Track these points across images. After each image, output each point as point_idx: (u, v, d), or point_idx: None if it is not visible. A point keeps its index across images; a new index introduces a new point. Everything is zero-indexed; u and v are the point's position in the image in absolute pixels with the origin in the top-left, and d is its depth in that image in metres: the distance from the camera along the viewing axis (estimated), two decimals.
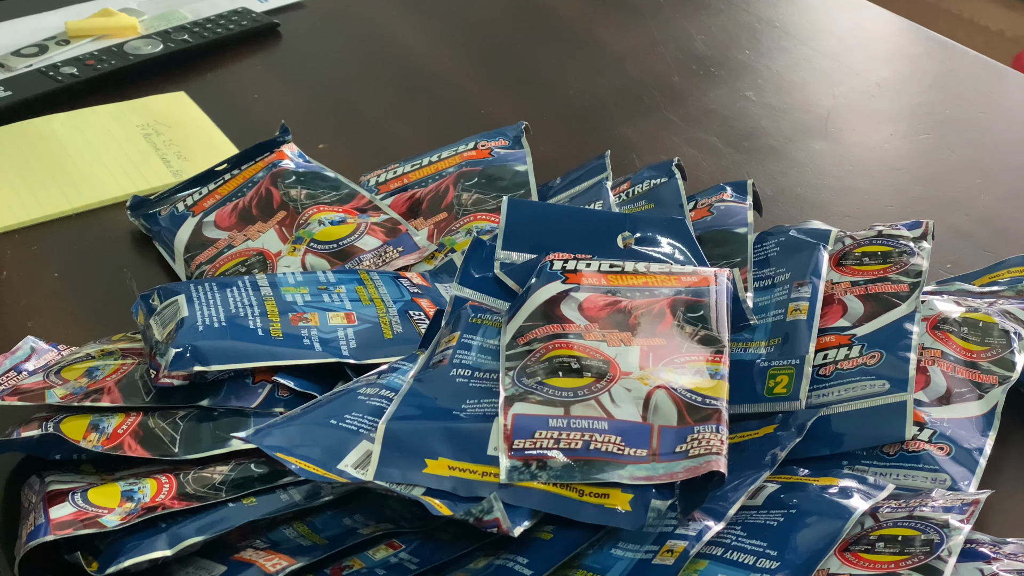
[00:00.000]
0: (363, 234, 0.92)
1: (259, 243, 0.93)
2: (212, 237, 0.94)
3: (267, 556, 0.68)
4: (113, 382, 0.76)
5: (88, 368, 0.78)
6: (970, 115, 1.17)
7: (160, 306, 0.80)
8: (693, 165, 1.04)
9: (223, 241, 0.94)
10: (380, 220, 0.94)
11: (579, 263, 0.78)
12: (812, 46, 1.30)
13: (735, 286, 0.78)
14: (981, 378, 0.77)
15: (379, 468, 0.67)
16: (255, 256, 0.91)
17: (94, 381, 0.77)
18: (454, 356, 0.74)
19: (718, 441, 0.65)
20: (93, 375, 0.77)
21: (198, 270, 0.92)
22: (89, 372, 0.78)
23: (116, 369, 0.78)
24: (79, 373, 0.78)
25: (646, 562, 0.64)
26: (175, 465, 0.73)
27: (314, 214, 0.93)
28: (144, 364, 0.78)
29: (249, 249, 0.92)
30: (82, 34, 1.31)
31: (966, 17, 2.61)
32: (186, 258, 0.94)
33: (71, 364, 0.79)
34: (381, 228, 0.93)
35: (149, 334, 0.79)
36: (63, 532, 0.67)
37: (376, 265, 0.90)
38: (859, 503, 0.67)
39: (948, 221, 0.98)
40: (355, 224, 0.93)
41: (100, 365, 0.78)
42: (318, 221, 0.93)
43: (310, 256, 0.91)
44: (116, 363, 0.78)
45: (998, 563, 0.64)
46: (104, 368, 0.78)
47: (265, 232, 0.94)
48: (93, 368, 0.78)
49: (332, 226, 0.93)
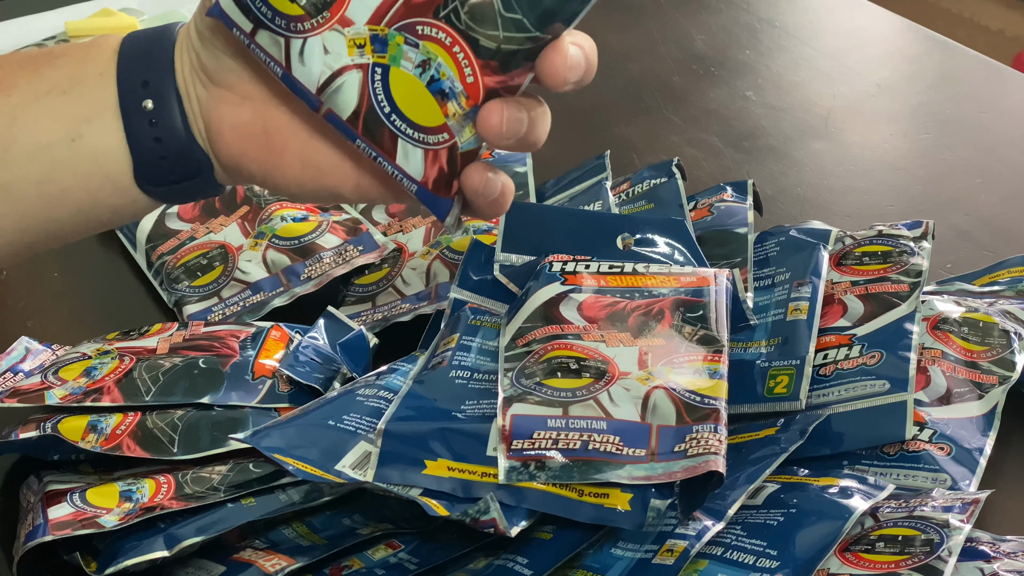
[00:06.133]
0: (324, 232, 0.93)
1: (221, 236, 0.94)
2: (174, 228, 0.95)
3: (266, 556, 0.68)
4: (112, 381, 0.76)
5: (86, 368, 0.78)
6: (970, 115, 1.17)
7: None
8: (693, 165, 1.04)
9: (185, 233, 0.95)
10: (342, 219, 0.95)
11: (578, 264, 0.78)
12: (812, 46, 1.30)
13: (735, 286, 0.78)
14: (981, 378, 0.77)
15: (378, 469, 0.67)
16: (217, 249, 0.93)
17: (93, 381, 0.77)
18: (453, 358, 0.74)
19: (717, 441, 0.65)
20: (91, 375, 0.77)
21: (159, 260, 0.93)
22: (87, 372, 0.78)
23: (114, 368, 0.77)
24: (77, 373, 0.78)
25: (646, 562, 0.64)
26: (174, 465, 0.73)
27: (276, 210, 0.95)
28: (144, 361, 0.78)
29: (211, 242, 0.93)
30: (82, 34, 1.31)
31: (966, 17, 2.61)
32: (147, 248, 0.95)
33: (68, 364, 0.79)
34: (342, 227, 0.94)
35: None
36: (61, 532, 0.67)
37: (336, 263, 0.90)
38: (859, 503, 0.67)
39: (948, 221, 0.98)
40: (317, 222, 0.94)
41: (97, 364, 0.78)
42: (280, 217, 0.94)
43: (271, 252, 0.92)
44: (114, 362, 0.78)
45: (998, 562, 0.64)
46: (102, 367, 0.78)
47: (228, 226, 0.95)
48: (91, 368, 0.78)
49: (294, 223, 0.94)
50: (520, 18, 0.54)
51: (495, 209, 0.62)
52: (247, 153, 0.61)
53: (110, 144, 0.61)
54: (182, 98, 0.61)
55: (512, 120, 0.57)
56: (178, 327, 0.83)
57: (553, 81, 0.57)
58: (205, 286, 0.90)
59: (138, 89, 0.60)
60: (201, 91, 0.60)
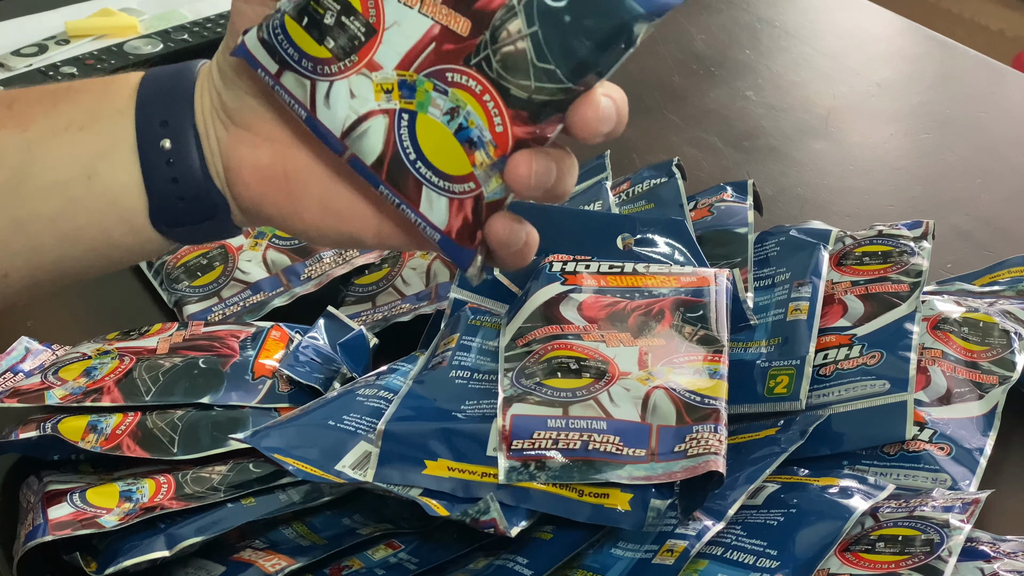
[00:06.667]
0: None
1: None
2: None
3: (266, 556, 0.68)
4: (112, 381, 0.76)
5: (86, 368, 0.78)
6: (970, 115, 1.17)
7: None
8: (693, 165, 1.03)
9: None
10: None
11: (578, 264, 0.78)
12: (812, 46, 1.30)
13: (735, 286, 0.78)
14: (981, 378, 0.77)
15: (378, 469, 0.67)
16: (217, 249, 0.92)
17: (93, 381, 0.77)
18: (453, 358, 0.74)
19: (717, 441, 0.65)
20: (91, 375, 0.77)
21: (159, 260, 0.93)
22: (87, 372, 0.78)
23: (114, 368, 0.77)
24: (77, 373, 0.78)
25: (646, 562, 0.64)
26: (174, 465, 0.73)
27: None
28: (144, 361, 0.78)
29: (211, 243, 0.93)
30: (82, 34, 1.31)
31: (966, 17, 2.61)
32: None
33: (68, 364, 0.79)
34: None
35: None
36: (61, 532, 0.67)
37: (336, 263, 0.90)
38: (859, 503, 0.67)
39: (948, 221, 0.97)
40: None
41: (97, 364, 0.78)
42: None
43: (271, 252, 0.92)
44: (114, 362, 0.78)
45: (998, 562, 0.64)
46: (102, 367, 0.78)
47: None
48: (91, 368, 0.78)
49: None
50: (553, 68, 0.53)
51: (518, 260, 0.59)
52: (266, 195, 0.60)
53: (126, 183, 0.59)
54: (200, 138, 0.59)
55: (541, 171, 0.56)
56: (178, 327, 0.83)
57: (584, 133, 0.56)
58: (205, 286, 0.90)
59: (156, 128, 0.59)
60: (221, 131, 0.59)
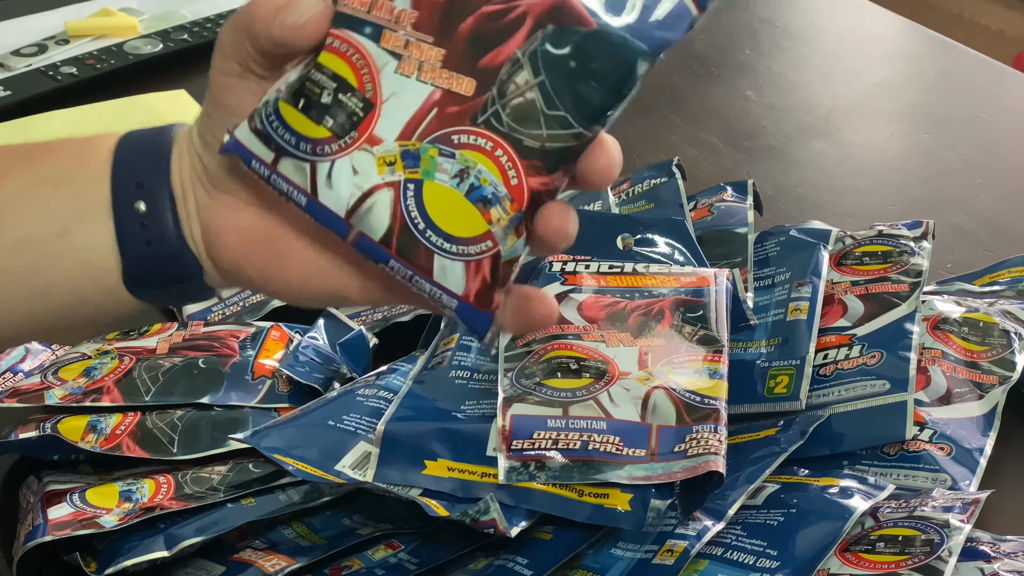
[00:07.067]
0: None
1: None
2: None
3: (266, 556, 0.68)
4: (112, 381, 0.76)
5: (85, 368, 0.78)
6: (970, 115, 1.17)
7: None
8: (693, 165, 1.03)
9: None
10: None
11: (578, 264, 0.78)
12: (812, 46, 1.30)
13: (735, 286, 0.78)
14: (981, 378, 0.77)
15: (378, 469, 0.67)
16: None
17: (92, 381, 0.77)
18: (453, 358, 0.74)
19: (716, 441, 0.65)
20: (91, 375, 0.77)
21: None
22: (87, 372, 0.78)
23: (114, 368, 0.77)
24: (77, 373, 0.78)
25: (646, 562, 0.64)
26: (173, 465, 0.73)
27: None
28: (144, 361, 0.78)
29: None
30: (82, 34, 1.31)
31: (966, 17, 2.61)
32: None
33: (68, 364, 0.79)
34: None
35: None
36: (61, 532, 0.67)
37: None
38: (859, 503, 0.67)
39: (948, 221, 0.97)
40: None
41: (97, 364, 0.78)
42: None
43: None
44: (113, 362, 0.78)
45: (999, 562, 0.64)
46: (101, 367, 0.78)
47: None
48: (90, 368, 0.78)
49: None
50: (564, 115, 0.53)
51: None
52: (247, 257, 0.59)
53: (99, 243, 0.59)
54: (176, 201, 0.59)
55: (572, 221, 0.55)
56: (178, 327, 0.83)
57: (598, 180, 0.55)
58: None
59: (132, 190, 0.59)
60: (202, 195, 0.59)
